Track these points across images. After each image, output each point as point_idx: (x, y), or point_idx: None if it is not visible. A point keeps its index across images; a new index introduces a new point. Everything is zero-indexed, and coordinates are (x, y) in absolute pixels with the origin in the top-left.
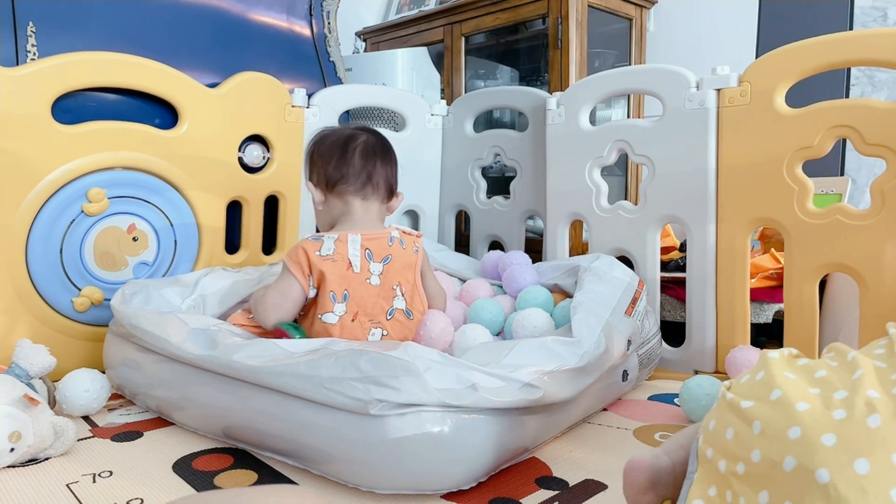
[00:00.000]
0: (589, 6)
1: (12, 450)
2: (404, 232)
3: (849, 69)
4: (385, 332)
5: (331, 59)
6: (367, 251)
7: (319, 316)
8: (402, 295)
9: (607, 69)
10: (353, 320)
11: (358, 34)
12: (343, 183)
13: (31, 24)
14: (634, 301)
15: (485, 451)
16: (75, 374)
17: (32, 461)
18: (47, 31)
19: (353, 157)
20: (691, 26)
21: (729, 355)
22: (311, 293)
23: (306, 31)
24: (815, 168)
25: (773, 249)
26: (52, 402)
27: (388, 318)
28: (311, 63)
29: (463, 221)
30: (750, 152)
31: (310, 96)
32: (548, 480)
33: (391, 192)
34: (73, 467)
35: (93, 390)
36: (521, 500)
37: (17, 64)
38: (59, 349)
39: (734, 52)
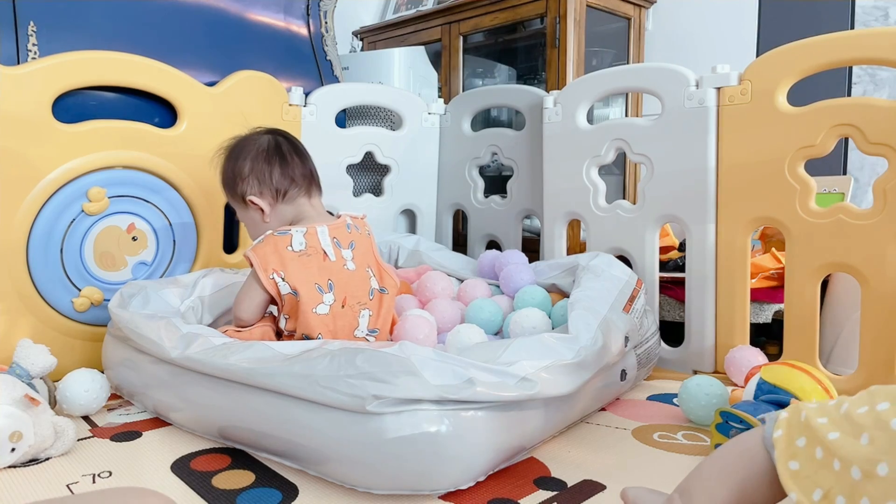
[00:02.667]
0: (587, 6)
1: (13, 450)
2: (352, 217)
3: (850, 68)
4: (371, 312)
5: (328, 57)
6: (336, 240)
7: (313, 310)
8: (374, 275)
9: (605, 68)
10: (342, 306)
11: (355, 33)
12: (294, 189)
13: (31, 23)
14: (632, 299)
15: (482, 451)
16: (75, 374)
17: (33, 461)
18: (48, 30)
19: (293, 160)
20: (690, 26)
21: (728, 355)
22: (284, 288)
23: (303, 31)
24: (817, 167)
25: (773, 249)
26: (53, 402)
27: (371, 298)
28: (307, 62)
29: (460, 221)
30: (751, 151)
31: (307, 95)
32: (546, 481)
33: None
34: (73, 468)
35: (93, 390)
36: (519, 501)
37: (19, 63)
38: (59, 349)
39: (734, 53)
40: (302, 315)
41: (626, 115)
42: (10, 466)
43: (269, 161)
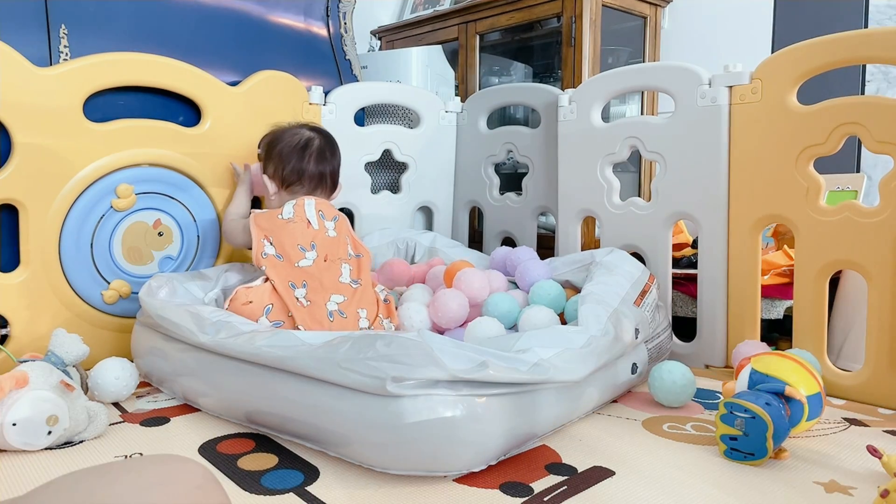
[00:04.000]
0: (603, 5)
1: (50, 433)
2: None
3: (864, 66)
4: (351, 267)
5: (346, 57)
6: (321, 212)
7: (296, 264)
8: (350, 244)
9: (621, 66)
10: (325, 261)
11: (373, 33)
12: (298, 185)
13: (63, 26)
14: (644, 293)
15: (495, 436)
16: (106, 363)
17: (68, 444)
18: (78, 32)
19: (308, 163)
20: (706, 25)
21: (735, 349)
22: (270, 250)
23: (323, 32)
24: (831, 165)
25: (785, 246)
26: (85, 389)
27: (350, 256)
28: (327, 62)
29: (476, 217)
30: (761, 149)
31: (326, 94)
32: (557, 466)
33: (335, 186)
34: (106, 450)
35: (122, 378)
36: (530, 484)
37: (51, 64)
38: (90, 339)
39: (749, 52)
40: (290, 267)
41: (642, 113)
42: (46, 448)
43: (290, 154)
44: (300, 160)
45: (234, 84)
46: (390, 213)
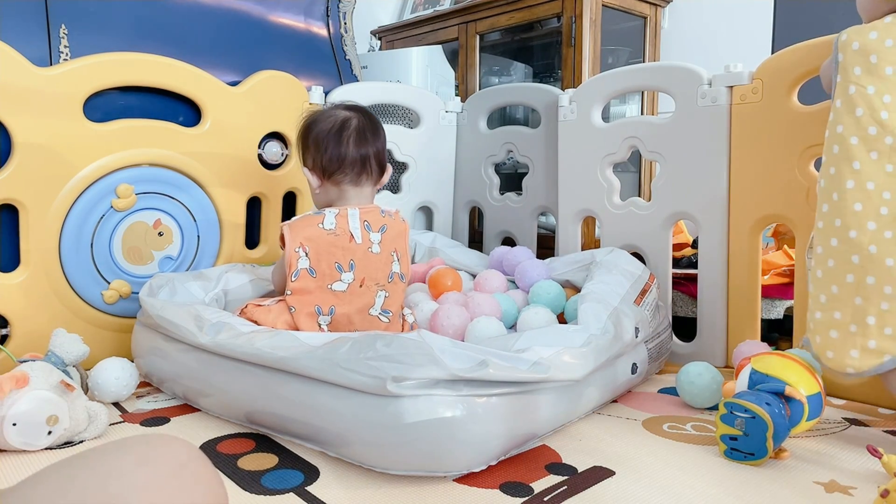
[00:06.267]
0: (603, 5)
1: (50, 432)
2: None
3: None
4: (387, 294)
5: (346, 57)
6: (366, 223)
7: (329, 286)
8: (398, 259)
9: (621, 66)
10: (360, 286)
11: (373, 33)
12: (340, 173)
13: (63, 26)
14: (644, 292)
15: (495, 436)
16: (106, 363)
17: (68, 444)
18: (78, 32)
19: (347, 147)
20: (707, 25)
21: (736, 349)
22: (304, 263)
23: (323, 32)
24: None
25: (785, 246)
26: (85, 389)
27: (389, 281)
28: (327, 62)
29: (476, 218)
30: (762, 149)
31: (326, 94)
32: (557, 466)
33: (382, 170)
34: None
35: (123, 378)
36: (530, 484)
37: (51, 64)
38: (90, 339)
39: (749, 52)
40: (322, 288)
41: (642, 113)
42: (46, 448)
43: (326, 141)
44: (338, 145)
45: (234, 84)
46: None
